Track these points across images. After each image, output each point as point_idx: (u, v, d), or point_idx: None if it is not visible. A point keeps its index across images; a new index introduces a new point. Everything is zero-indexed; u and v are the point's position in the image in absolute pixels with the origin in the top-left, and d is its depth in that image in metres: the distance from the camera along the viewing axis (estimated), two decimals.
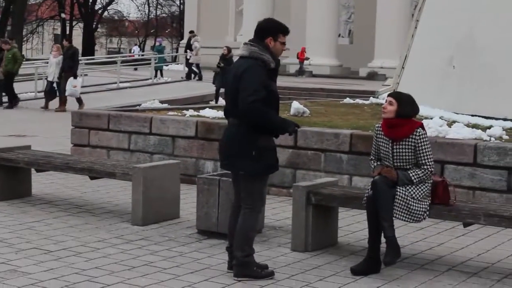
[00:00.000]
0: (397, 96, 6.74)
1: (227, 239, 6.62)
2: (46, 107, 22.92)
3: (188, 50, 34.56)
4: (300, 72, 39.67)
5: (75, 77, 22.48)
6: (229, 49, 25.63)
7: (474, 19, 12.60)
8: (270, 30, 6.33)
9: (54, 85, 22.81)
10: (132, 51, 56.61)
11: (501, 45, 11.99)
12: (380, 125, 6.76)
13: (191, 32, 38.62)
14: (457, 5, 13.20)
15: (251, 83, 6.13)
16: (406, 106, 6.62)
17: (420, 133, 6.55)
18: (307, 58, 40.29)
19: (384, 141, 6.66)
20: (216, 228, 7.63)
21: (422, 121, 6.95)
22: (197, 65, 34.05)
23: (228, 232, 6.58)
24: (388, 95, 6.78)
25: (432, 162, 6.58)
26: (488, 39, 12.21)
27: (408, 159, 6.55)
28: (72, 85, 22.21)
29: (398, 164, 6.58)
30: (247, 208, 6.35)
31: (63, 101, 22.63)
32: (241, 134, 6.25)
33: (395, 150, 6.58)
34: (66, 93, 22.38)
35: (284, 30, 6.39)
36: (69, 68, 22.38)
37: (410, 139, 6.54)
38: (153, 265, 6.65)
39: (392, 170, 6.58)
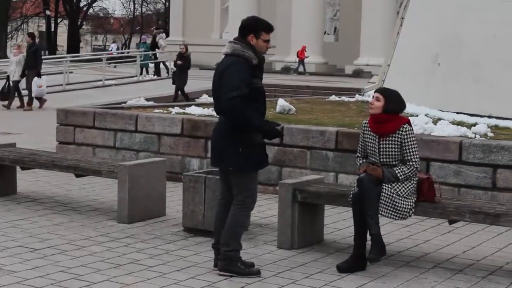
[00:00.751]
0: (384, 92, 6.76)
1: (213, 237, 6.63)
2: (8, 106, 22.08)
3: (157, 49, 34.61)
4: (302, 70, 39.54)
5: (39, 76, 21.91)
6: (186, 47, 25.49)
7: (459, 17, 12.65)
8: (252, 28, 6.37)
9: (13, 83, 22.09)
10: (110, 49, 56.51)
11: (486, 43, 12.04)
12: (367, 121, 6.78)
13: (157, 29, 38.64)
14: (442, 3, 13.24)
15: (232, 79, 6.17)
16: (393, 102, 6.65)
17: (407, 129, 6.57)
18: (307, 56, 40.33)
19: (370, 137, 6.67)
20: (202, 225, 7.63)
21: (408, 117, 6.97)
22: (158, 63, 34.12)
23: (214, 229, 6.59)
24: (375, 91, 6.80)
25: (418, 159, 6.60)
26: (473, 37, 12.25)
27: (395, 155, 6.57)
28: (38, 85, 21.69)
29: (385, 160, 6.60)
30: (237, 204, 6.37)
31: (29, 101, 22.04)
32: (228, 131, 6.28)
33: (381, 146, 6.60)
34: (33, 94, 21.84)
35: (267, 28, 6.40)
36: (32, 67, 21.76)
37: (397, 135, 6.56)
38: (139, 263, 6.63)
39: (377, 168, 6.59)
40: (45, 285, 5.95)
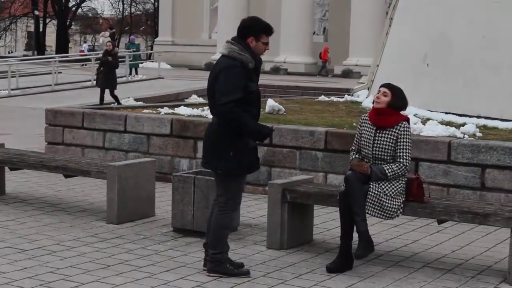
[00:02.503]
0: (391, 87, 6.75)
1: (204, 237, 6.63)
2: None
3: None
4: (324, 72, 39.36)
5: None
6: (113, 44, 23.39)
7: (448, 17, 12.68)
8: (253, 30, 6.25)
9: None
10: (82, 48, 56.30)
11: (474, 43, 12.07)
12: (366, 115, 6.79)
13: (110, 29, 38.78)
14: (431, 3, 13.27)
15: (225, 84, 6.09)
16: (399, 99, 6.68)
17: (405, 126, 6.59)
18: (329, 58, 40.27)
19: (368, 128, 6.68)
20: (191, 226, 7.62)
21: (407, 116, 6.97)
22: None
23: (206, 230, 6.57)
24: (382, 86, 6.76)
25: (409, 158, 6.60)
26: (461, 37, 12.29)
27: (388, 149, 6.57)
28: None
29: (377, 153, 6.60)
30: (220, 206, 6.36)
31: None
32: (219, 133, 6.23)
33: (376, 138, 6.60)
34: None
35: (267, 30, 6.29)
36: None
37: (394, 130, 6.56)
38: (128, 264, 6.62)
39: (363, 164, 6.59)
40: (34, 286, 5.93)
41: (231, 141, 6.18)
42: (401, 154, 6.56)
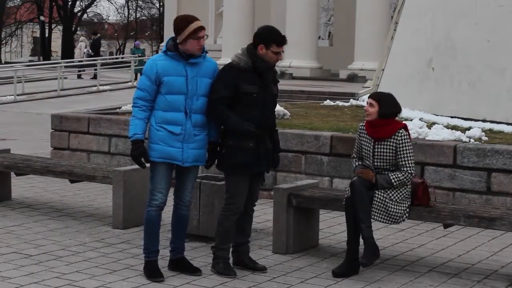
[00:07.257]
0: (377, 97, 6.73)
1: (210, 241, 6.72)
2: None
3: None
4: None
5: None
6: None
7: (453, 21, 12.67)
8: (264, 38, 6.40)
9: None
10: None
11: (479, 47, 12.06)
12: (363, 124, 6.78)
13: (94, 34, 39.42)
14: (436, 7, 13.27)
15: (214, 82, 6.36)
16: (387, 106, 6.63)
17: (402, 134, 6.56)
18: None
19: (366, 140, 6.67)
20: (197, 231, 7.62)
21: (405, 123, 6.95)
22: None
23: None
24: (369, 97, 6.76)
25: (413, 165, 6.58)
26: (466, 41, 12.28)
27: (389, 159, 6.56)
28: None
29: (378, 164, 6.60)
30: (223, 204, 6.58)
31: None
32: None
33: (376, 150, 6.59)
34: None
35: (278, 40, 6.38)
36: None
37: (392, 140, 6.54)
38: (134, 269, 6.63)
39: (369, 172, 6.58)
40: None
41: (224, 139, 6.43)
42: (404, 163, 6.54)
